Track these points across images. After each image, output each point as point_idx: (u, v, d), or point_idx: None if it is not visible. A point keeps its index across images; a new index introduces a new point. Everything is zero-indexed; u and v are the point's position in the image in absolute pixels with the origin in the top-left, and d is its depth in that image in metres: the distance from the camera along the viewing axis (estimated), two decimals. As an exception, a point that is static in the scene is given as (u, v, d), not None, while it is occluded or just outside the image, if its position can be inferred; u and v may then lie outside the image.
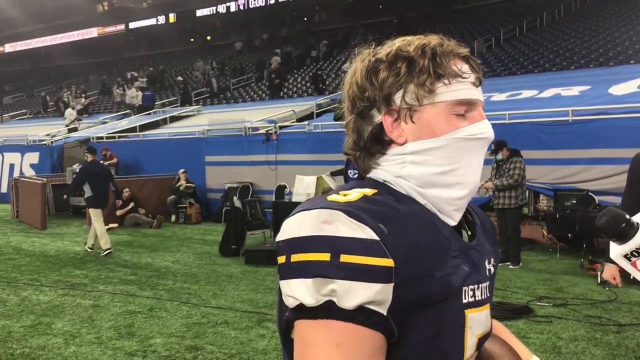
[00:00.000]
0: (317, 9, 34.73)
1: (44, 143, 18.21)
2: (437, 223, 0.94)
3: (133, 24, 39.72)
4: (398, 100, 0.96)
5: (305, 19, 34.76)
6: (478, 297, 0.96)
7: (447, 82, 0.95)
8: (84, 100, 27.20)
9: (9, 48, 45.05)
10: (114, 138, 17.33)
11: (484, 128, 0.97)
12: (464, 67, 0.97)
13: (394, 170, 0.98)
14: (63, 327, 5.33)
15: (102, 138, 17.59)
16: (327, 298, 0.83)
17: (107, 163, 14.42)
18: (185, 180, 13.10)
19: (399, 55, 0.97)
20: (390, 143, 0.98)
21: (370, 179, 1.00)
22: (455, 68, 0.96)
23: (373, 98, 0.97)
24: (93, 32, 41.23)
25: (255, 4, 33.97)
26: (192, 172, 13.24)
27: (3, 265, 8.28)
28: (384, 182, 0.98)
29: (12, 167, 17.81)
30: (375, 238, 0.84)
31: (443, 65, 0.95)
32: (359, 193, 0.91)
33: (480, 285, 0.97)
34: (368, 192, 0.92)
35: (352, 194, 0.91)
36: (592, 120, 8.85)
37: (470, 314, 0.94)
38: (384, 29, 22.98)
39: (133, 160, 15.48)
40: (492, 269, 1.05)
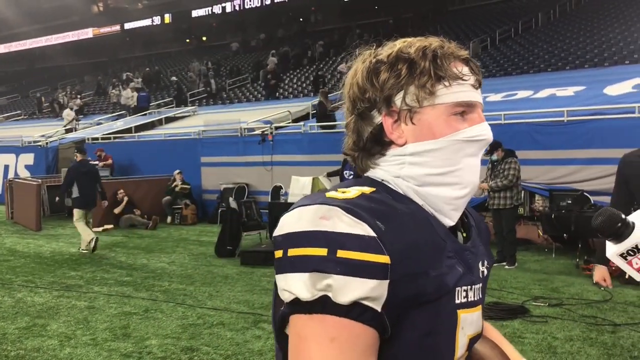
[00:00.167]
0: (313, 10, 34.77)
1: (39, 144, 18.14)
2: (433, 223, 0.94)
3: (128, 25, 39.68)
4: (398, 102, 0.97)
5: (301, 20, 34.77)
6: (471, 298, 0.97)
7: (447, 84, 0.96)
8: (79, 101, 27.12)
9: (4, 48, 44.91)
10: (109, 139, 17.29)
11: (483, 130, 0.98)
12: (464, 69, 0.98)
13: (393, 171, 0.98)
14: (58, 328, 5.30)
15: (97, 139, 17.56)
16: (322, 293, 0.83)
17: (102, 164, 14.44)
18: (181, 181, 13.07)
19: (400, 57, 0.97)
20: (390, 144, 0.99)
21: (368, 178, 1.00)
22: (456, 70, 0.97)
23: (374, 99, 0.98)
24: (88, 32, 41.16)
25: (251, 5, 33.99)
26: (187, 172, 13.20)
27: (-2, 267, 8.25)
28: (382, 181, 0.98)
29: (6, 168, 17.72)
30: (373, 235, 0.85)
31: (444, 68, 0.96)
32: (358, 191, 0.92)
33: (474, 287, 0.98)
34: (366, 190, 0.93)
35: (350, 192, 0.92)
36: (587, 121, 8.89)
37: (463, 315, 0.95)
38: (380, 30, 23.03)
39: (128, 161, 15.43)
40: (485, 271, 1.05)
